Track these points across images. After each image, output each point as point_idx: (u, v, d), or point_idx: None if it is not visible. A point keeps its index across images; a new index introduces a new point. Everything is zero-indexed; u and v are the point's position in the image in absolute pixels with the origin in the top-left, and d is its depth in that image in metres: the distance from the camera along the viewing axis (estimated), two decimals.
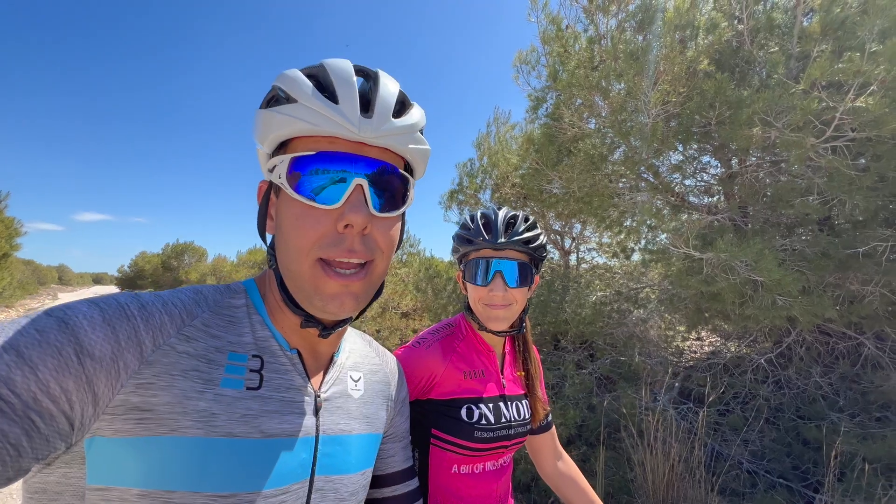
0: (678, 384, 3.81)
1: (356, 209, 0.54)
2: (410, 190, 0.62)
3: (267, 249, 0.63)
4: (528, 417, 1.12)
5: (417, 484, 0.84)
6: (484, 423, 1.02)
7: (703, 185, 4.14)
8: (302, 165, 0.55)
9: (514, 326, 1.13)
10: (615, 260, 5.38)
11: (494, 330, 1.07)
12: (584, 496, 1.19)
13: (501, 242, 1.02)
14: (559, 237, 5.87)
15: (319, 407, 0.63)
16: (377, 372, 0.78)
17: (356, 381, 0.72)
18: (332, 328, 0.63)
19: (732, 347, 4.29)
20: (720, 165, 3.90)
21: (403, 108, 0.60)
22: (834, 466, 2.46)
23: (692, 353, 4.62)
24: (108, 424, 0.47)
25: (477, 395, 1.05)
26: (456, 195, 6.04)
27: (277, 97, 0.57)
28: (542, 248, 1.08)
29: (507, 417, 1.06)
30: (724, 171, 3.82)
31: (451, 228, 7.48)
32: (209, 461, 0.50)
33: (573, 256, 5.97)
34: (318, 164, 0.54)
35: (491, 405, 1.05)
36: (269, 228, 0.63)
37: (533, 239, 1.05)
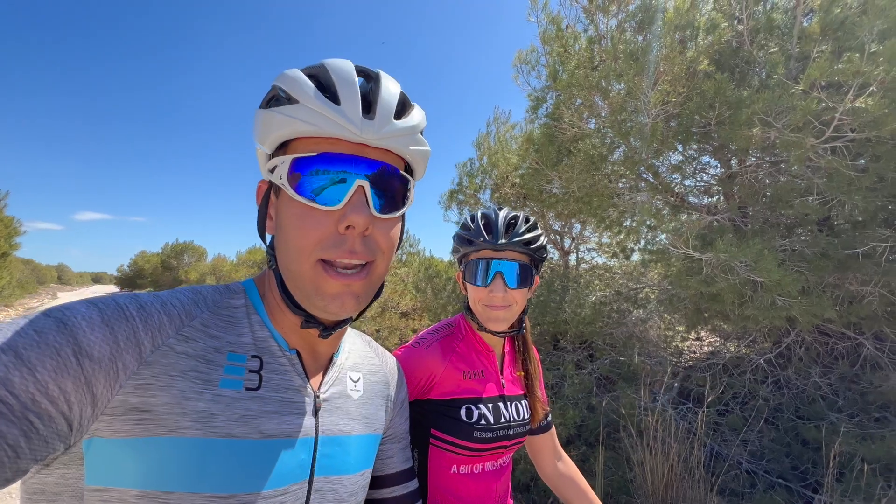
0: (677, 384, 3.82)
1: (358, 210, 0.54)
2: (411, 191, 0.62)
3: (266, 249, 0.62)
4: (527, 418, 1.12)
5: (417, 485, 0.83)
6: (483, 423, 1.02)
7: (702, 185, 4.14)
8: (303, 166, 0.54)
9: (513, 327, 1.13)
10: (615, 260, 5.38)
11: (494, 330, 1.07)
12: (583, 496, 1.19)
13: (502, 243, 1.02)
14: (559, 237, 5.88)
15: (319, 407, 0.63)
16: (376, 372, 0.78)
17: (355, 381, 0.72)
18: (332, 328, 0.63)
19: (732, 348, 4.29)
20: (720, 166, 3.90)
21: (404, 109, 0.60)
22: (833, 467, 2.47)
23: (691, 353, 4.62)
24: (106, 425, 0.47)
25: (476, 395, 1.05)
26: (456, 195, 6.04)
27: (278, 97, 0.56)
28: (542, 248, 1.08)
29: (506, 417, 1.06)
30: (723, 171, 3.82)
31: (450, 228, 7.48)
32: (208, 462, 0.50)
33: (573, 256, 5.97)
34: (319, 165, 0.54)
35: (490, 405, 1.05)
36: (268, 228, 0.62)
37: (533, 240, 1.05)
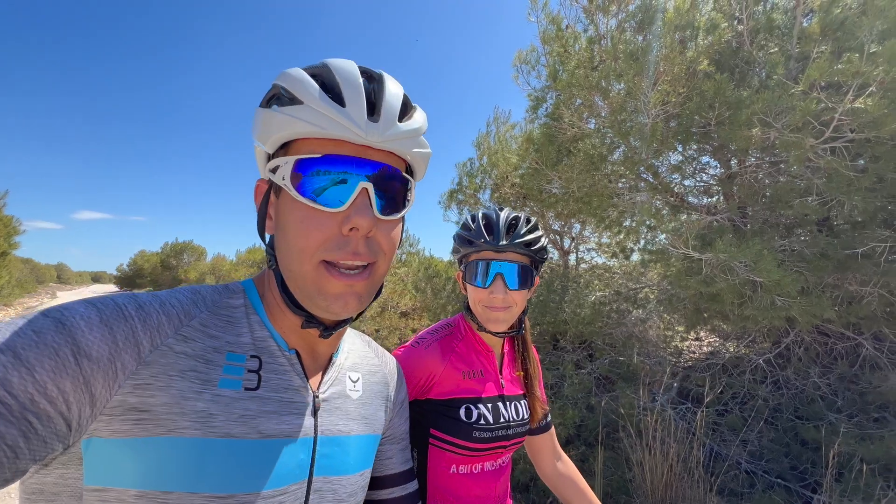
0: (677, 384, 3.82)
1: (362, 213, 0.54)
2: (411, 192, 0.62)
3: (266, 249, 0.62)
4: (526, 417, 1.12)
5: (416, 487, 0.83)
6: (482, 422, 1.02)
7: (702, 185, 4.14)
8: (306, 167, 0.54)
9: (513, 327, 1.13)
10: (614, 260, 5.38)
11: (494, 331, 1.08)
12: (582, 497, 1.19)
13: (503, 245, 1.02)
14: (558, 237, 5.88)
15: (318, 407, 0.63)
16: (376, 373, 0.78)
17: (355, 381, 0.72)
18: (333, 328, 0.63)
19: (731, 348, 4.29)
20: (719, 166, 3.90)
21: (407, 111, 0.60)
22: (832, 467, 2.47)
23: (691, 353, 4.62)
24: (105, 425, 0.47)
25: (476, 394, 1.05)
26: (455, 195, 6.04)
27: (280, 97, 0.56)
28: (543, 250, 1.08)
29: (505, 417, 1.06)
30: (723, 171, 3.82)
31: (450, 228, 7.48)
32: (207, 462, 0.50)
33: (572, 256, 5.97)
34: (323, 166, 0.54)
35: (490, 405, 1.05)
36: (268, 228, 0.62)
37: (534, 241, 1.05)
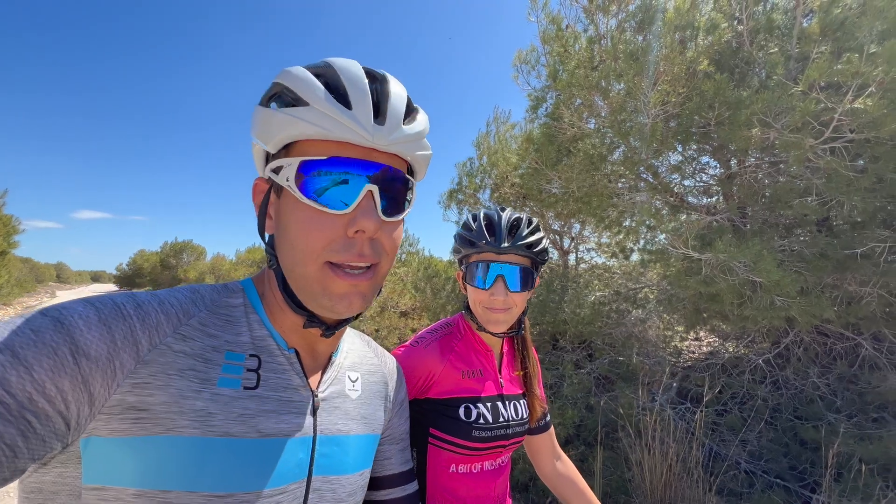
0: (676, 384, 3.82)
1: (368, 215, 0.54)
2: (413, 193, 0.63)
3: (266, 249, 0.62)
4: (525, 417, 1.12)
5: (416, 488, 0.83)
6: (482, 422, 1.02)
7: (702, 185, 4.14)
8: (311, 169, 0.54)
9: (512, 327, 1.13)
10: (614, 260, 5.38)
11: (494, 332, 1.08)
12: (582, 496, 1.19)
13: (505, 247, 1.02)
14: (558, 237, 5.88)
15: (317, 407, 0.63)
16: (375, 372, 0.78)
17: (354, 381, 0.72)
18: (335, 327, 0.63)
19: (731, 348, 4.29)
20: (719, 166, 3.90)
21: (410, 113, 0.60)
22: (831, 467, 2.47)
23: (690, 353, 4.62)
24: (104, 424, 0.46)
25: (475, 394, 1.05)
26: (455, 195, 6.04)
27: (282, 96, 0.56)
28: (544, 251, 1.08)
29: (504, 417, 1.06)
30: (723, 171, 3.82)
31: (450, 228, 7.48)
32: (206, 461, 0.50)
33: (572, 256, 5.97)
34: (328, 168, 0.54)
35: (489, 404, 1.06)
36: (267, 228, 0.62)
37: (536, 243, 1.05)
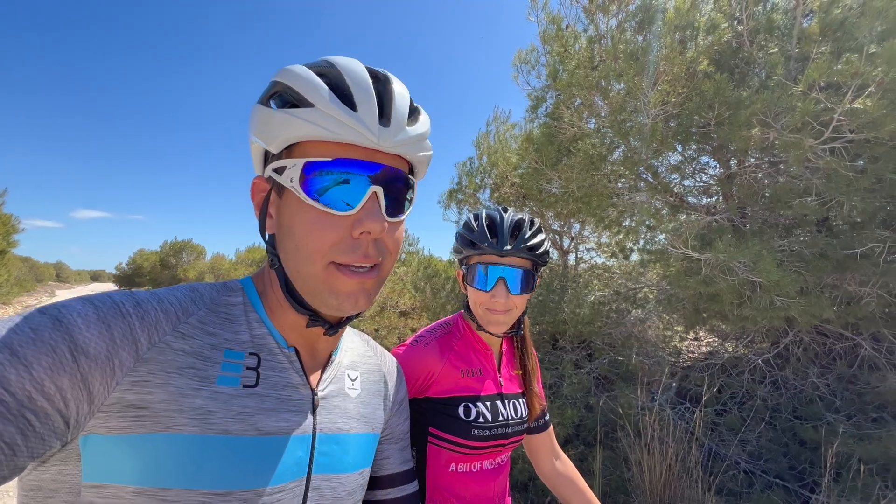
0: (675, 384, 3.82)
1: (373, 217, 0.55)
2: (414, 192, 0.63)
3: (267, 248, 0.61)
4: (525, 416, 1.12)
5: (416, 488, 0.82)
6: (481, 421, 1.02)
7: (701, 185, 4.14)
8: (315, 170, 0.54)
9: (512, 327, 1.13)
10: (614, 260, 5.38)
11: (493, 332, 1.08)
12: (581, 496, 1.19)
13: (507, 249, 1.01)
14: (558, 237, 5.87)
15: (316, 405, 0.63)
16: (374, 371, 0.78)
17: (353, 380, 0.72)
18: (337, 326, 0.63)
19: (730, 348, 4.30)
20: (719, 166, 3.90)
21: (413, 114, 0.60)
22: (830, 467, 2.47)
23: (690, 353, 4.63)
24: (103, 422, 0.46)
25: (474, 393, 1.05)
26: (455, 194, 6.03)
27: (284, 95, 0.55)
28: (546, 253, 1.07)
29: (504, 416, 1.06)
30: (722, 171, 3.82)
31: (449, 227, 7.48)
32: (205, 459, 0.50)
33: (572, 256, 5.97)
34: (333, 169, 0.54)
35: (488, 403, 1.06)
36: (268, 227, 0.62)
37: (538, 245, 1.04)
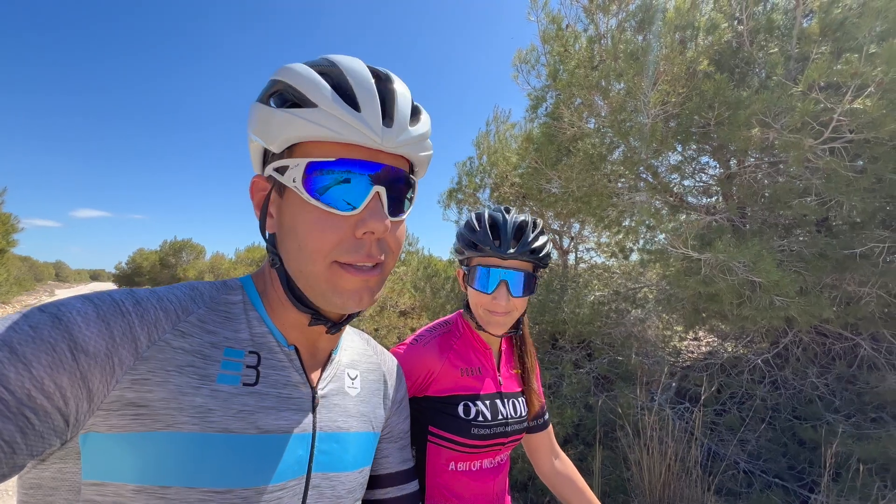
0: (675, 384, 3.83)
1: (377, 217, 0.55)
2: (414, 192, 0.63)
3: (268, 248, 0.61)
4: (524, 415, 1.13)
5: (415, 488, 0.82)
6: (481, 419, 1.03)
7: (701, 185, 4.14)
8: (317, 169, 0.54)
9: (512, 327, 1.13)
10: (613, 260, 5.38)
11: (493, 333, 1.08)
12: (581, 495, 1.19)
13: (510, 253, 1.01)
14: (558, 237, 5.87)
15: (316, 404, 0.63)
16: (374, 370, 0.78)
17: (353, 378, 0.72)
18: (340, 324, 0.63)
19: (729, 348, 4.30)
20: (719, 166, 3.91)
21: (414, 114, 0.60)
22: (829, 467, 2.47)
23: (689, 353, 4.63)
24: (103, 420, 0.46)
25: (474, 391, 1.05)
26: (455, 194, 6.03)
27: (285, 94, 0.55)
28: (548, 255, 1.07)
29: (503, 414, 1.07)
30: (722, 171, 3.82)
31: (449, 227, 7.47)
32: (205, 457, 0.50)
33: (571, 256, 5.97)
34: (335, 169, 0.54)
35: (488, 402, 1.06)
36: (268, 226, 0.61)
37: (541, 248, 1.04)
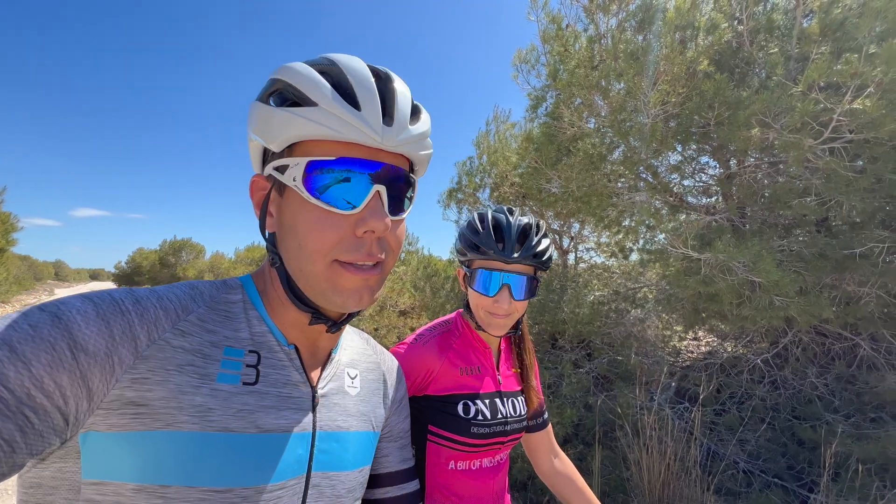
0: (675, 384, 3.83)
1: (377, 216, 0.55)
2: (414, 190, 0.63)
3: (268, 247, 0.61)
4: (524, 414, 1.13)
5: (415, 487, 0.82)
6: (480, 418, 1.03)
7: (701, 185, 4.14)
8: (317, 168, 0.54)
9: (511, 328, 1.13)
10: (613, 260, 5.38)
11: (493, 334, 1.08)
12: (580, 494, 1.19)
13: (514, 257, 1.01)
14: (558, 236, 5.88)
15: (316, 403, 0.63)
16: (374, 370, 0.78)
17: (353, 378, 0.72)
18: (340, 323, 0.63)
19: (729, 347, 4.30)
20: (719, 166, 3.91)
21: (414, 113, 0.60)
22: (829, 467, 2.48)
23: (689, 352, 4.63)
24: (102, 419, 0.46)
25: (473, 391, 1.05)
26: (455, 194, 6.03)
27: (285, 93, 0.55)
28: (550, 258, 1.07)
29: (503, 413, 1.07)
30: (722, 171, 3.83)
31: (449, 227, 7.47)
32: (205, 456, 0.50)
33: (571, 256, 5.98)
34: (335, 168, 0.54)
35: (487, 401, 1.06)
36: (268, 225, 0.61)
37: (544, 251, 1.04)
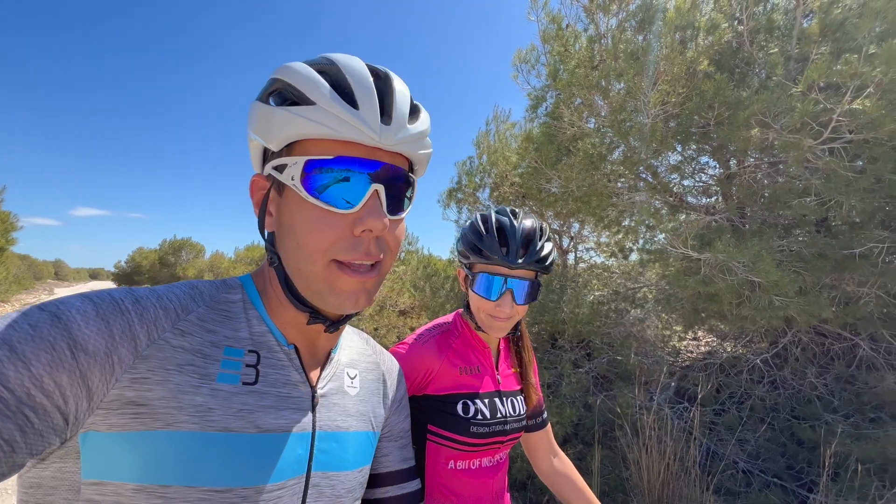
0: (674, 384, 3.83)
1: (375, 215, 0.55)
2: (413, 190, 0.63)
3: (267, 247, 0.61)
4: (523, 413, 1.13)
5: (416, 487, 0.81)
6: (480, 418, 1.03)
7: (701, 185, 4.15)
8: (316, 167, 0.54)
9: (511, 329, 1.14)
10: (613, 259, 5.38)
11: (494, 336, 1.08)
12: (580, 494, 1.19)
13: (518, 263, 1.00)
14: (557, 236, 5.88)
15: (316, 403, 0.63)
16: (373, 370, 0.78)
17: (352, 378, 0.72)
18: (338, 323, 0.63)
19: (729, 347, 4.30)
20: (718, 166, 3.91)
21: (413, 112, 0.60)
22: (828, 467, 2.48)
23: (688, 352, 4.63)
24: (102, 419, 0.46)
25: (473, 390, 1.05)
26: (455, 193, 6.03)
27: (284, 93, 0.55)
28: (553, 262, 1.07)
29: (502, 413, 1.07)
30: (722, 171, 3.83)
31: (449, 226, 7.47)
32: (205, 456, 0.50)
33: (571, 256, 5.98)
34: (334, 167, 0.54)
35: (486, 400, 1.06)
36: (267, 225, 0.62)
37: (548, 256, 1.04)
